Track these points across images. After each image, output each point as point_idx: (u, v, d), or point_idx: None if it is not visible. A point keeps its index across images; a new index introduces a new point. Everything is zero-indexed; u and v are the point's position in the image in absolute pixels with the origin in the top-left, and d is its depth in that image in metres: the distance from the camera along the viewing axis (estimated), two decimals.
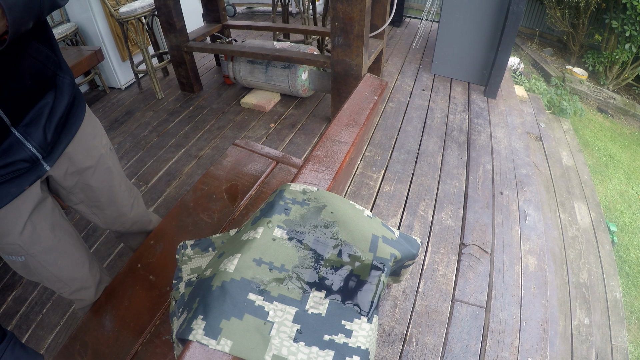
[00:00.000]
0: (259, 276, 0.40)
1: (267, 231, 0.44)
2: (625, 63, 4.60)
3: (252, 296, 0.38)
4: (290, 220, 0.46)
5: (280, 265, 0.41)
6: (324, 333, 0.38)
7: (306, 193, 0.49)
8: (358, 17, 1.76)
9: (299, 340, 0.37)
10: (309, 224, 0.45)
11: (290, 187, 0.50)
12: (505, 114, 2.62)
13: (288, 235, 0.44)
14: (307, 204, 0.48)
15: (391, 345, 1.24)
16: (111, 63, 2.87)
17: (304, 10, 3.03)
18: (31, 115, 0.63)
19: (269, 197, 0.52)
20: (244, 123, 2.44)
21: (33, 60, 0.62)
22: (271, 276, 0.40)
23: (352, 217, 0.47)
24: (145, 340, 0.71)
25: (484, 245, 1.59)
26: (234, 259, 0.41)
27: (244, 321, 0.36)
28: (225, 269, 0.40)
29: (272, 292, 0.39)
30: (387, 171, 1.98)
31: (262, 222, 0.46)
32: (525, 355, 1.26)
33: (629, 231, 2.98)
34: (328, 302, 0.40)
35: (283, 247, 0.43)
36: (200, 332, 0.35)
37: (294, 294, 0.40)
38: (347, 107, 0.66)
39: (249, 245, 0.42)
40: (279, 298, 0.39)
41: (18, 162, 0.63)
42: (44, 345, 1.30)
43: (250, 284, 0.39)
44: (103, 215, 0.95)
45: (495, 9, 2.48)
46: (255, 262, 0.41)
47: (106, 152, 0.89)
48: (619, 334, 2.14)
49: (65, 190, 0.83)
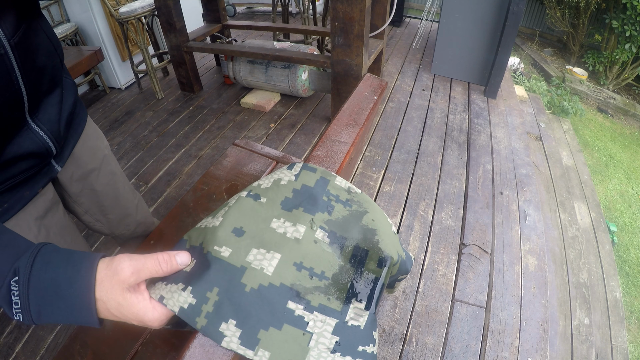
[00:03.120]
0: (299, 283, 0.37)
1: (310, 232, 0.40)
2: (625, 63, 4.60)
3: (292, 305, 0.36)
4: (332, 221, 0.42)
5: (321, 272, 0.39)
6: (359, 344, 0.37)
7: (350, 193, 0.46)
8: (358, 17, 1.76)
9: (336, 351, 0.35)
10: (351, 228, 0.42)
11: (335, 181, 0.46)
12: (505, 114, 2.62)
13: (330, 239, 0.41)
14: (349, 206, 0.44)
15: (391, 345, 1.24)
16: (111, 63, 2.87)
17: (304, 10, 3.03)
18: (44, 107, 0.63)
19: (305, 174, 0.45)
20: (244, 123, 2.44)
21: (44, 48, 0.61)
22: (311, 284, 0.38)
23: (387, 230, 0.45)
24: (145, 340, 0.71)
25: (484, 245, 1.59)
26: (272, 258, 0.37)
27: (282, 332, 0.35)
28: (262, 269, 0.36)
29: (312, 301, 0.37)
30: (387, 171, 1.98)
31: (303, 219, 0.41)
32: (525, 355, 1.26)
33: (629, 231, 2.98)
34: (367, 314, 0.38)
35: (324, 253, 0.40)
36: (236, 340, 0.33)
37: (334, 304, 0.37)
38: (347, 107, 0.66)
39: (290, 246, 0.39)
40: (320, 308, 0.37)
41: (31, 157, 0.62)
42: (44, 345, 1.30)
43: (291, 292, 0.36)
44: (107, 220, 0.94)
45: (495, 9, 2.48)
46: (296, 267, 0.38)
47: (109, 152, 0.90)
48: (619, 334, 2.14)
49: (70, 197, 0.82)
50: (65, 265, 0.36)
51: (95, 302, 0.35)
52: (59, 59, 0.66)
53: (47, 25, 0.63)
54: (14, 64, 0.51)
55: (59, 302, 0.35)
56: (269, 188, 0.44)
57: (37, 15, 0.59)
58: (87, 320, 0.36)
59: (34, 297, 0.35)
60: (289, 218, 0.41)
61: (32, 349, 1.29)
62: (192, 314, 0.34)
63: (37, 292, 0.35)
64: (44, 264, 0.36)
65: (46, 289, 0.35)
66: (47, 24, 0.63)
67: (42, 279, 0.35)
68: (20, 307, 0.35)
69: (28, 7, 0.55)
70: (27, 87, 0.55)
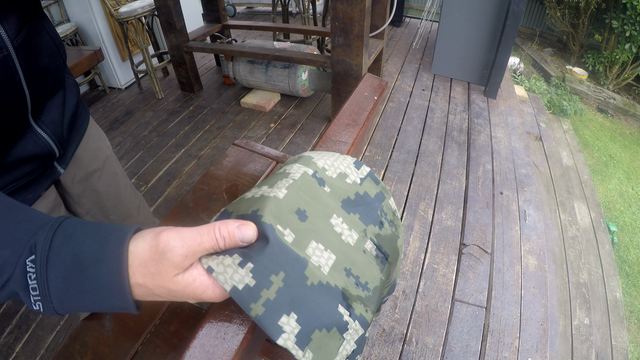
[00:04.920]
0: (347, 288, 0.36)
1: (361, 241, 0.39)
2: (625, 63, 4.60)
3: (342, 309, 0.34)
4: (381, 236, 0.42)
5: (365, 282, 0.38)
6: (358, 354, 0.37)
7: (394, 216, 0.46)
8: (358, 17, 1.76)
9: (350, 359, 0.35)
10: (390, 248, 0.42)
11: (389, 200, 0.46)
12: (505, 114, 2.62)
13: (376, 253, 0.40)
14: (392, 227, 0.44)
15: (391, 345, 1.24)
16: (111, 63, 2.87)
17: (304, 10, 3.04)
18: (47, 109, 0.63)
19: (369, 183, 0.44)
20: (244, 123, 2.44)
21: (47, 49, 0.61)
22: (356, 292, 0.36)
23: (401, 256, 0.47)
24: (145, 340, 0.71)
25: (484, 245, 1.59)
26: (328, 258, 0.35)
27: (330, 334, 0.33)
28: (320, 266, 0.34)
29: (356, 309, 0.36)
30: (387, 171, 1.98)
31: (358, 227, 0.40)
32: (525, 355, 1.26)
33: (629, 231, 2.98)
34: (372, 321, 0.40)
35: (371, 265, 0.39)
36: (293, 338, 0.30)
37: (369, 316, 0.37)
38: (347, 107, 0.66)
39: (342, 249, 0.37)
40: (360, 318, 0.36)
41: (35, 160, 0.61)
42: (44, 345, 1.30)
43: (342, 295, 0.35)
44: (109, 221, 0.93)
45: (495, 9, 2.48)
46: (346, 273, 0.36)
47: (111, 153, 0.89)
48: (619, 334, 2.14)
49: (72, 199, 0.82)
50: (91, 238, 0.30)
51: (134, 287, 0.29)
52: (61, 60, 0.66)
53: (50, 25, 0.63)
54: (17, 65, 0.50)
55: (85, 283, 0.28)
56: (334, 179, 0.41)
57: (40, 15, 0.59)
58: (121, 304, 0.30)
59: (54, 279, 0.28)
60: (346, 219, 0.39)
61: (32, 349, 1.29)
62: (249, 297, 0.29)
63: (58, 273, 0.28)
64: (66, 238, 0.29)
65: (68, 268, 0.29)
66: (50, 24, 0.63)
67: (63, 256, 0.29)
68: (39, 294, 0.29)
69: (31, 8, 0.55)
70: (31, 89, 0.55)
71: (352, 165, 0.44)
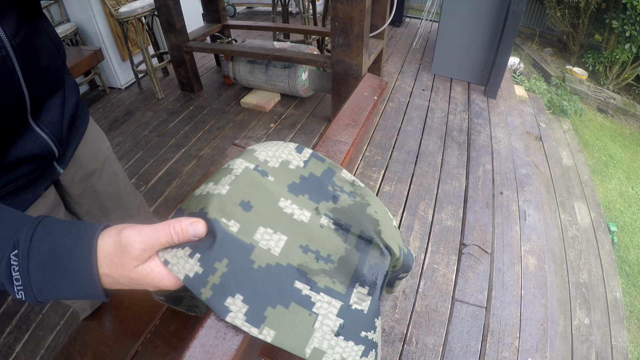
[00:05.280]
0: (306, 264, 0.37)
1: (316, 218, 0.41)
2: (625, 63, 4.60)
3: (299, 284, 0.36)
4: (337, 209, 0.43)
5: (327, 255, 0.39)
6: (362, 329, 0.37)
7: (354, 186, 0.47)
8: (358, 17, 1.76)
9: (339, 334, 0.35)
10: (355, 217, 0.43)
11: (341, 173, 0.47)
12: (505, 114, 2.62)
13: (335, 225, 0.41)
14: (353, 197, 0.45)
15: (391, 345, 1.24)
16: (111, 63, 2.87)
17: (304, 10, 3.04)
18: (46, 109, 0.62)
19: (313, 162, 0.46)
20: (244, 123, 2.44)
21: (46, 49, 0.60)
22: (318, 266, 0.38)
23: (388, 223, 0.46)
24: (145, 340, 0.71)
25: (484, 245, 1.59)
26: (279, 240, 0.37)
27: (289, 310, 0.34)
28: (269, 249, 0.36)
29: (318, 282, 0.37)
30: (387, 171, 1.98)
31: (308, 205, 0.41)
32: (525, 355, 1.26)
33: (629, 231, 2.98)
34: (370, 300, 0.39)
35: (330, 237, 0.40)
36: (241, 316, 0.33)
37: (339, 287, 0.38)
38: (347, 107, 0.66)
39: (295, 230, 0.39)
40: (325, 290, 0.37)
41: (34, 160, 0.61)
42: (44, 345, 1.30)
43: (298, 272, 0.36)
44: (108, 221, 0.93)
45: (495, 9, 2.48)
46: (302, 249, 0.38)
47: (110, 153, 0.89)
48: (619, 334, 2.14)
49: (72, 199, 0.82)
50: (66, 234, 0.34)
51: (102, 277, 0.34)
52: (61, 60, 0.65)
53: (50, 25, 0.63)
54: (15, 65, 0.50)
55: (60, 273, 0.33)
56: (277, 168, 0.43)
57: (39, 15, 0.59)
58: (92, 292, 0.34)
59: (34, 270, 0.33)
60: (295, 201, 0.41)
61: (32, 349, 1.29)
62: (198, 283, 0.33)
63: (38, 265, 0.33)
64: (44, 235, 0.34)
65: (46, 261, 0.33)
66: (50, 25, 0.63)
67: (42, 250, 0.33)
68: (22, 283, 0.33)
69: (30, 8, 0.55)
70: (30, 89, 0.55)
71: (293, 152, 0.46)
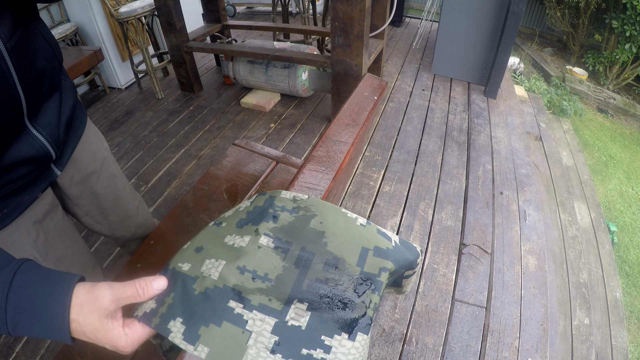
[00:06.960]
0: (242, 284, 0.39)
1: (254, 239, 0.43)
2: (625, 63, 4.60)
3: (232, 303, 0.38)
4: (277, 228, 0.45)
5: (264, 274, 0.41)
6: (302, 347, 0.36)
7: (296, 201, 0.48)
8: (358, 17, 1.76)
9: (276, 352, 0.36)
10: (297, 233, 0.44)
11: (280, 195, 0.50)
12: (505, 114, 2.62)
13: (274, 244, 0.43)
14: (296, 212, 0.47)
15: (391, 345, 1.24)
16: (111, 63, 2.87)
17: (304, 10, 3.04)
18: (43, 111, 0.62)
19: (257, 199, 0.51)
20: (244, 123, 2.44)
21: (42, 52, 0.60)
22: (254, 285, 0.40)
23: (342, 228, 0.45)
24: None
25: (484, 245, 1.59)
26: (218, 265, 0.41)
27: (222, 329, 0.36)
28: (210, 275, 0.40)
29: (252, 300, 0.38)
30: (387, 171, 1.98)
31: (249, 230, 0.45)
32: (525, 355, 1.26)
33: (629, 231, 2.98)
34: (309, 315, 0.38)
35: (268, 256, 0.42)
36: (180, 335, 0.36)
37: (275, 304, 0.39)
38: (347, 107, 0.66)
39: (234, 254, 0.42)
40: (259, 307, 0.38)
41: (31, 162, 0.61)
42: (44, 345, 1.30)
43: (233, 292, 0.39)
44: (107, 222, 0.94)
45: (495, 9, 2.48)
46: (239, 270, 0.40)
47: (108, 154, 0.89)
48: (619, 334, 2.14)
49: (70, 200, 0.82)
50: (44, 284, 0.38)
51: (70, 323, 0.37)
52: (57, 62, 0.65)
53: (45, 28, 0.63)
54: (10, 67, 0.50)
55: (35, 319, 0.37)
56: (230, 215, 0.50)
57: (34, 18, 0.59)
58: (61, 337, 0.38)
59: (11, 311, 0.36)
60: (239, 232, 0.45)
61: (32, 349, 1.29)
62: (150, 315, 0.39)
63: (14, 307, 0.36)
64: (23, 281, 0.37)
65: (23, 306, 0.36)
66: (45, 27, 0.63)
67: (20, 295, 0.37)
68: None
69: (25, 10, 0.55)
70: (26, 92, 0.55)
71: (246, 201, 0.52)
